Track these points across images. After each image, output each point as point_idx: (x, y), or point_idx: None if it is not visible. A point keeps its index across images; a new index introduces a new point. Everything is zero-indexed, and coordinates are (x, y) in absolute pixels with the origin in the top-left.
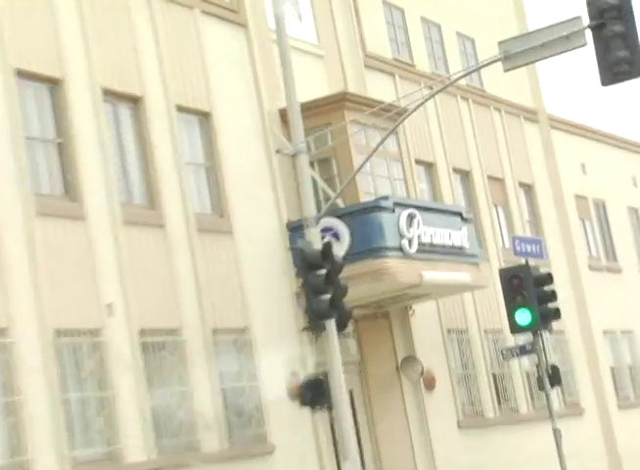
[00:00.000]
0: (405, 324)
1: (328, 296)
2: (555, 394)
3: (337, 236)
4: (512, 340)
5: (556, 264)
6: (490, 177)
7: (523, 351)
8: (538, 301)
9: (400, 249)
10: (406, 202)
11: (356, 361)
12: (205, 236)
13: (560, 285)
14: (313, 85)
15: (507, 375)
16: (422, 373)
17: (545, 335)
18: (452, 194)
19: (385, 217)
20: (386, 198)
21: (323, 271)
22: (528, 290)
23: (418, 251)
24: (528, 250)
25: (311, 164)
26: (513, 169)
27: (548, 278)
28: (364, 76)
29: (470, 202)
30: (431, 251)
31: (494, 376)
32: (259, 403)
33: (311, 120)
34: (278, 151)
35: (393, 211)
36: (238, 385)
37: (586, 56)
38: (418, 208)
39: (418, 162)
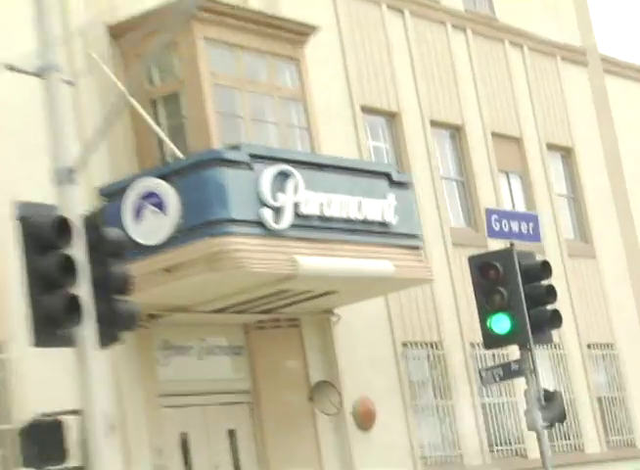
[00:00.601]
0: (325, 337)
1: (69, 290)
2: (594, 430)
3: (160, 205)
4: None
5: (607, 254)
6: (497, 135)
7: (507, 372)
8: (529, 301)
9: (260, 223)
10: (275, 154)
11: (246, 389)
12: None
13: (613, 280)
14: None
15: (508, 405)
16: (341, 404)
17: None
18: (427, 155)
19: (232, 176)
20: (236, 147)
21: (62, 252)
22: (509, 286)
23: (293, 227)
24: (514, 229)
25: (154, 101)
26: (539, 126)
27: (543, 269)
28: None
29: (462, 167)
30: (320, 227)
31: (484, 407)
32: None
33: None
34: (11, 67)
35: (251, 167)
36: None
37: None
38: (301, 164)
39: (368, 110)
